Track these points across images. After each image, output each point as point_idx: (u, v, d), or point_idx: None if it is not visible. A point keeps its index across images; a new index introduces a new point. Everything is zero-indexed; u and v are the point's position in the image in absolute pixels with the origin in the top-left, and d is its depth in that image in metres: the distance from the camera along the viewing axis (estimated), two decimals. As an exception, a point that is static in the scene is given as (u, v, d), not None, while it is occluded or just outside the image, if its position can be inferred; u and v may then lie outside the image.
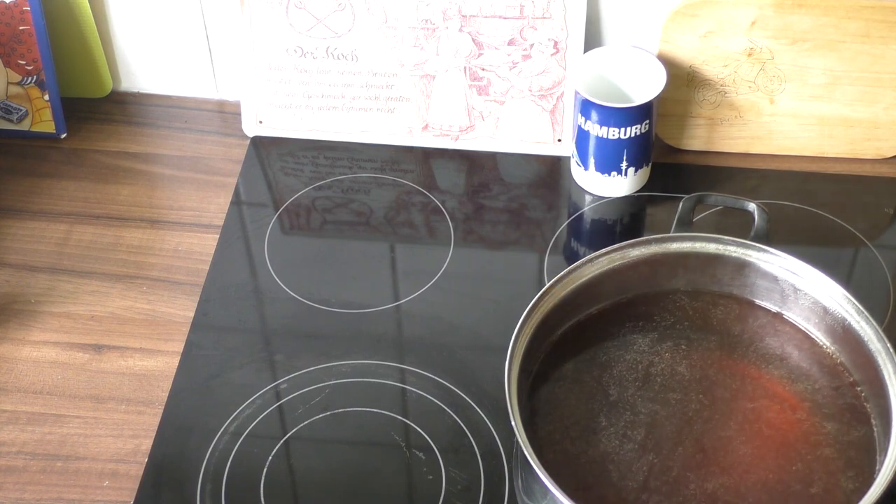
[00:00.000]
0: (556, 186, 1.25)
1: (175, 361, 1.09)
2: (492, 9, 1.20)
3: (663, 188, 1.23)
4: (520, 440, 0.88)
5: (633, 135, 1.17)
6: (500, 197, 1.23)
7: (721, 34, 1.18)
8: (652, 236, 1.03)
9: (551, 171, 1.26)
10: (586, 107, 1.16)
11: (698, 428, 0.96)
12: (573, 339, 1.02)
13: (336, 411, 1.04)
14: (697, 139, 1.26)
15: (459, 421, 1.03)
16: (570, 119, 1.24)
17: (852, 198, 1.23)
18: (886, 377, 0.93)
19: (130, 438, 1.03)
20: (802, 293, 1.01)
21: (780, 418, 0.97)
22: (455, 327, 1.11)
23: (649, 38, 1.22)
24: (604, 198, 1.22)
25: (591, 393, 0.99)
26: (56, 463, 1.02)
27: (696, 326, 1.04)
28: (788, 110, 1.23)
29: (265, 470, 1.00)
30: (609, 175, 1.20)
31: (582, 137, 1.19)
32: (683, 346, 1.02)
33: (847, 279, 1.15)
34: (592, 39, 1.23)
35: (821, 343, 1.02)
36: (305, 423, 1.04)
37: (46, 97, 1.28)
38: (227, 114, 1.33)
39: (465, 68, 1.23)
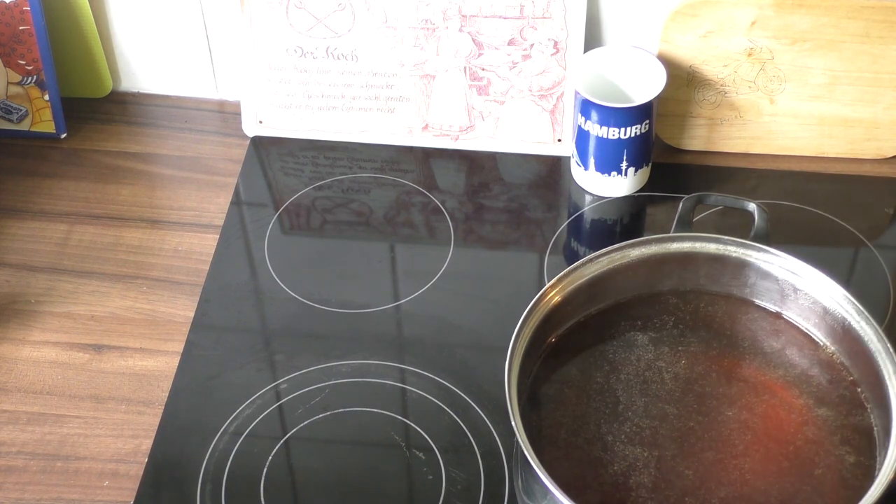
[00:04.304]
0: (556, 186, 1.25)
1: (175, 361, 1.09)
2: (492, 9, 1.20)
3: (663, 188, 1.23)
4: (520, 440, 0.88)
5: (633, 135, 1.17)
6: (500, 197, 1.24)
7: (721, 34, 1.18)
8: (652, 236, 1.03)
9: (551, 171, 1.26)
10: (586, 107, 1.16)
11: (699, 428, 0.96)
12: (573, 339, 1.02)
13: (336, 411, 1.04)
14: (697, 139, 1.26)
15: (459, 421, 1.03)
16: (570, 119, 1.24)
17: (852, 198, 1.23)
18: (886, 377, 0.93)
19: (130, 438, 1.03)
20: (802, 293, 1.01)
21: (780, 417, 0.97)
22: (455, 327, 1.11)
23: (649, 38, 1.22)
24: (604, 198, 1.22)
25: (591, 392, 0.99)
26: (56, 463, 1.02)
27: (696, 326, 1.04)
28: (788, 110, 1.23)
29: (265, 470, 1.00)
30: (609, 175, 1.20)
31: (582, 137, 1.19)
32: (683, 347, 1.02)
33: (847, 279, 1.15)
34: (592, 39, 1.23)
35: (821, 343, 1.02)
36: (305, 423, 1.04)
37: (46, 97, 1.28)
38: (227, 114, 1.33)
39: (465, 68, 1.23)
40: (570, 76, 1.23)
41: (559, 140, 1.26)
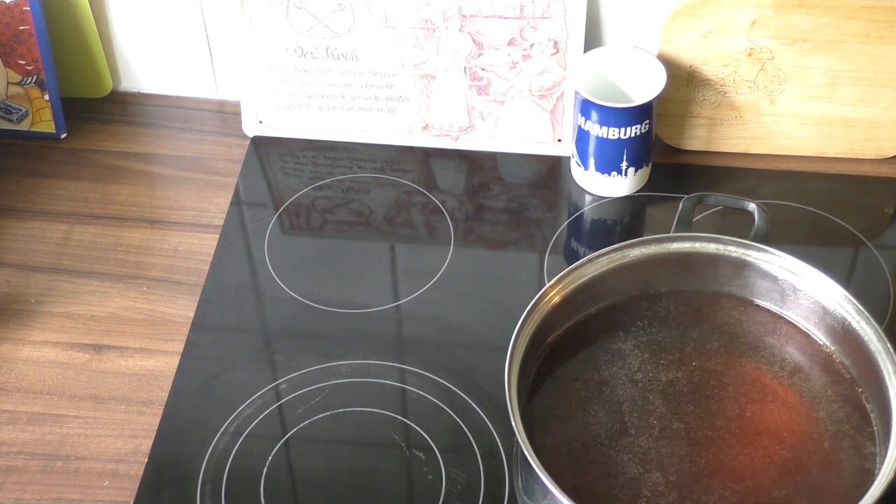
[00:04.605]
0: (556, 186, 1.25)
1: (175, 361, 1.09)
2: (492, 9, 1.20)
3: (663, 188, 1.23)
4: (520, 440, 0.88)
5: (633, 135, 1.17)
6: (500, 197, 1.24)
7: (721, 34, 1.18)
8: (652, 236, 1.03)
9: (551, 171, 1.26)
10: (586, 107, 1.16)
11: (699, 428, 0.96)
12: (573, 339, 1.02)
13: (336, 411, 1.04)
14: (697, 139, 1.26)
15: (459, 421, 1.03)
16: (570, 119, 1.24)
17: (852, 198, 1.23)
18: (886, 377, 0.93)
19: (130, 438, 1.03)
20: (802, 293, 1.01)
21: (780, 417, 0.97)
22: (455, 327, 1.11)
23: (649, 38, 1.22)
24: (604, 198, 1.22)
25: (591, 392, 0.99)
26: (56, 463, 1.02)
27: (696, 326, 1.04)
28: (788, 110, 1.23)
29: (265, 470, 1.00)
30: (609, 175, 1.20)
31: (582, 137, 1.19)
32: (683, 347, 1.02)
33: (847, 279, 1.15)
34: (592, 39, 1.23)
35: (821, 343, 1.02)
36: (305, 423, 1.04)
37: (46, 97, 1.28)
38: (227, 114, 1.33)
39: (465, 68, 1.23)
40: (570, 76, 1.22)
41: (559, 140, 1.26)
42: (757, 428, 0.96)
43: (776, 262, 1.02)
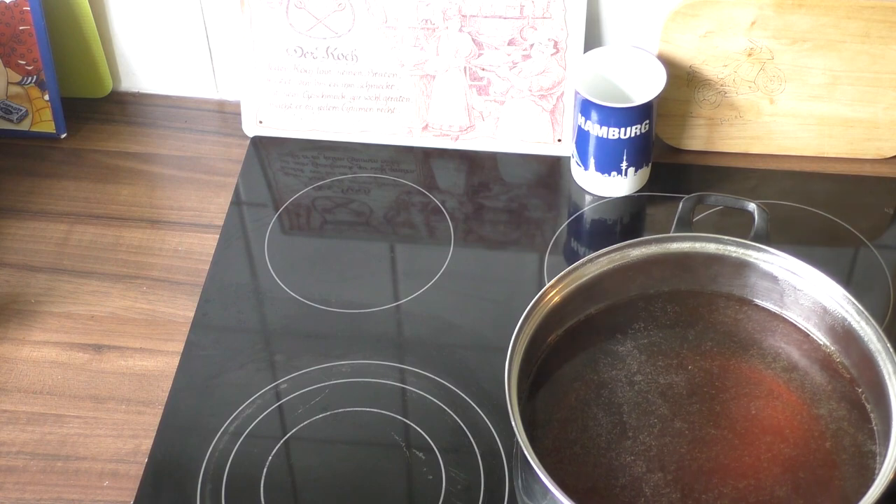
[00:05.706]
0: (556, 186, 1.25)
1: (175, 361, 1.09)
2: (492, 9, 1.20)
3: (663, 188, 1.23)
4: (520, 440, 0.88)
5: (633, 135, 1.17)
6: (500, 197, 1.24)
7: (721, 34, 1.18)
8: (652, 236, 1.03)
9: (551, 171, 1.26)
10: (586, 107, 1.16)
11: (699, 428, 0.96)
12: (573, 340, 1.02)
13: (336, 411, 1.04)
14: (697, 139, 1.26)
15: (459, 421, 1.03)
16: (570, 119, 1.24)
17: (852, 198, 1.23)
18: (886, 377, 0.93)
19: (130, 438, 1.03)
20: (802, 293, 1.01)
21: (780, 417, 0.97)
22: (455, 327, 1.11)
23: (649, 38, 1.22)
24: (604, 198, 1.22)
25: (591, 392, 0.99)
26: (56, 463, 1.02)
27: (696, 326, 1.04)
28: (788, 110, 1.23)
29: (265, 470, 1.00)
30: (609, 175, 1.20)
31: (582, 137, 1.19)
32: (683, 347, 1.02)
33: (847, 279, 1.15)
34: (592, 39, 1.23)
35: (821, 343, 1.02)
36: (305, 423, 1.04)
37: (46, 97, 1.28)
38: (227, 114, 1.33)
39: (465, 68, 1.23)
40: (570, 76, 1.23)
41: (559, 140, 1.26)
42: (758, 426, 0.96)
43: (776, 262, 1.02)
